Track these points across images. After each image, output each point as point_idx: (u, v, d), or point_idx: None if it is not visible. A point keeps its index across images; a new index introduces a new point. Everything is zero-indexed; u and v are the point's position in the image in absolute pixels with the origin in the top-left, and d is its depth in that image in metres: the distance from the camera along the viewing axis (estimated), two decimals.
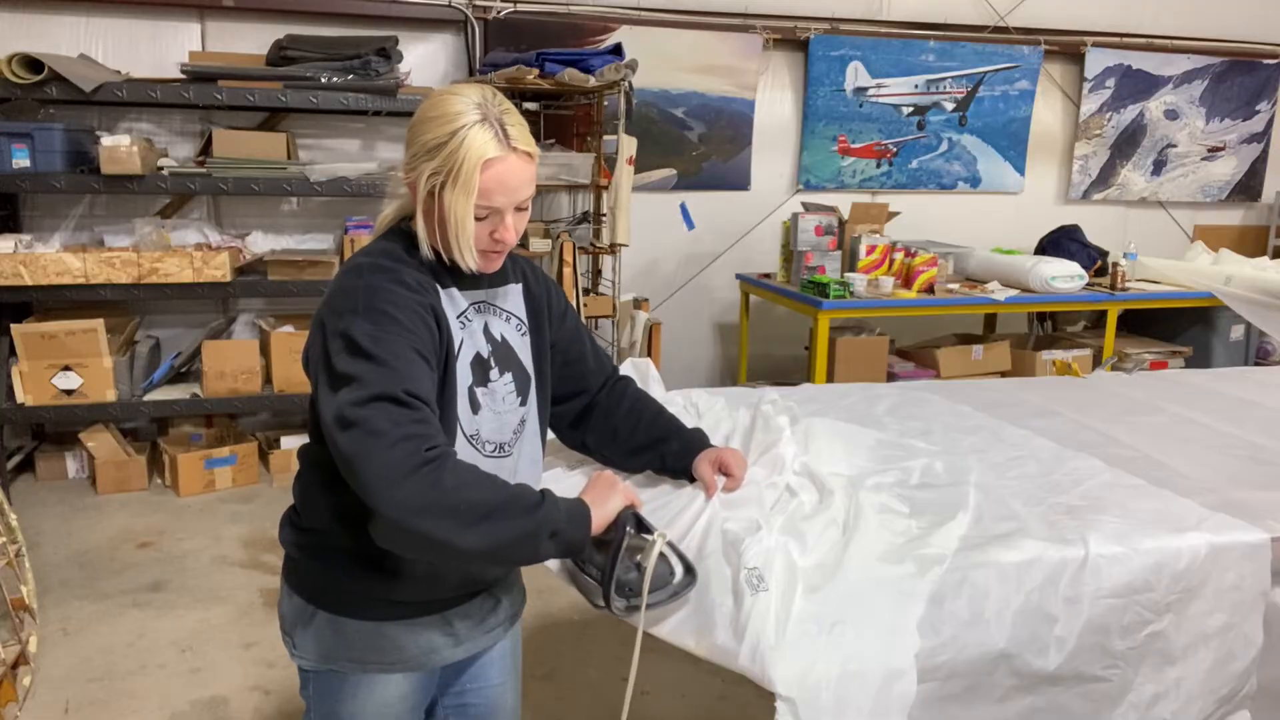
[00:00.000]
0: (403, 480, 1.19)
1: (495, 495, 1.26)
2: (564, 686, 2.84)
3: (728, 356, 5.74)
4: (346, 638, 1.46)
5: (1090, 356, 5.18)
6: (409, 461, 1.20)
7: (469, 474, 1.25)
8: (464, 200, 1.35)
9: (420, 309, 1.35)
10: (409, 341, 1.30)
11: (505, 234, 1.41)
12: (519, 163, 1.38)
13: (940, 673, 1.43)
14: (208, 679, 2.85)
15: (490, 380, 1.47)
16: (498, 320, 1.52)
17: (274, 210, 4.82)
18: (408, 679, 1.48)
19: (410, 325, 1.32)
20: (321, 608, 1.46)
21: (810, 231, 4.77)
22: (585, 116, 5.06)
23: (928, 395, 2.57)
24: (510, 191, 1.38)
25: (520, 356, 1.54)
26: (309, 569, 1.48)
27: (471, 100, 1.37)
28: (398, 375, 1.26)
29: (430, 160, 1.36)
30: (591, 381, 1.71)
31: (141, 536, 3.85)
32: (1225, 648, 1.63)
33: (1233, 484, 1.94)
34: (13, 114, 4.24)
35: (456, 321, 1.44)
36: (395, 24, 4.77)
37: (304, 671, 1.52)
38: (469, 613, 1.52)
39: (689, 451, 1.67)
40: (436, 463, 1.22)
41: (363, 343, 1.27)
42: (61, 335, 4.07)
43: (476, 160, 1.34)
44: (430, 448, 1.22)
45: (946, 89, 5.71)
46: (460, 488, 1.22)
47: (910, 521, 1.65)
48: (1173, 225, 6.42)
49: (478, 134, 1.34)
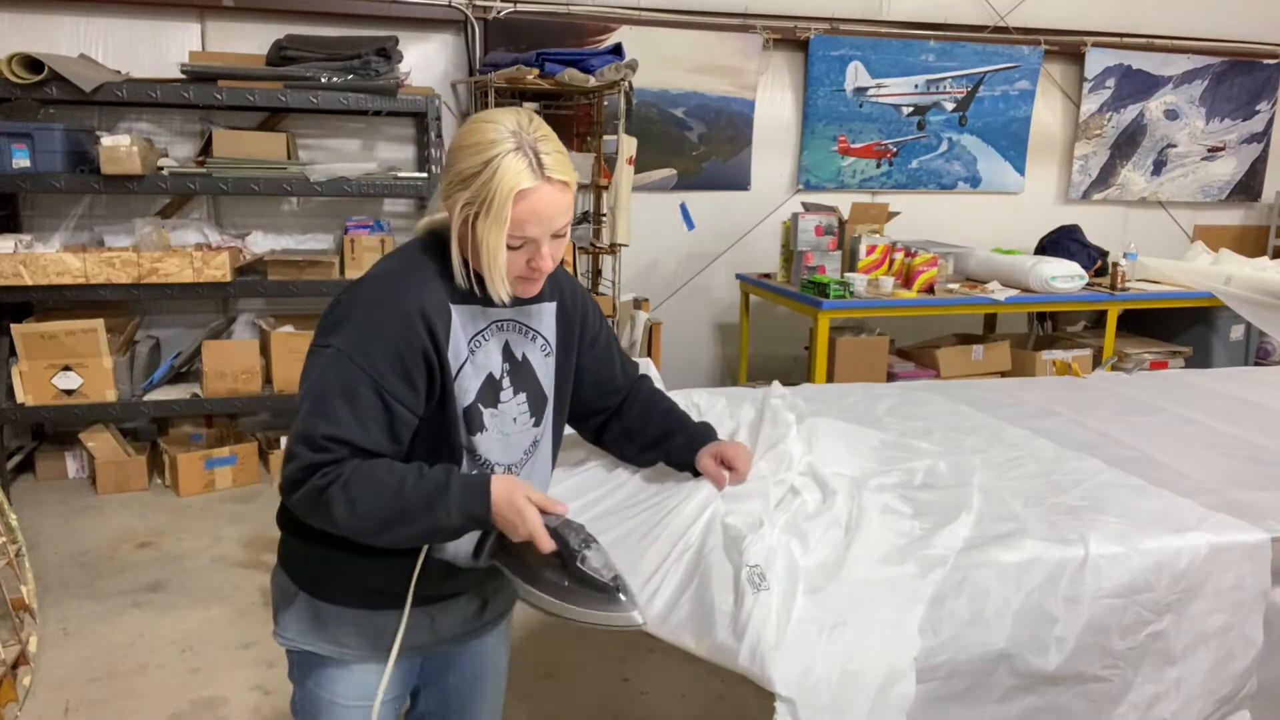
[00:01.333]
0: (295, 503, 1.34)
1: (387, 507, 1.31)
2: (564, 686, 2.84)
3: (728, 356, 5.74)
4: (324, 622, 1.48)
5: (1090, 356, 5.18)
6: (304, 495, 1.32)
7: (360, 489, 1.30)
8: (496, 232, 1.34)
9: (409, 346, 1.34)
10: (374, 382, 1.32)
11: (542, 263, 1.39)
12: (554, 192, 1.36)
13: (940, 672, 1.43)
14: (208, 679, 2.85)
15: (500, 401, 1.47)
16: (522, 339, 1.50)
17: (274, 210, 4.82)
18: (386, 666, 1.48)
19: (386, 365, 1.33)
20: (303, 589, 1.48)
21: (810, 231, 4.77)
22: (585, 116, 5.06)
23: (928, 395, 2.57)
24: (545, 222, 1.36)
25: (540, 377, 1.53)
26: (295, 550, 1.50)
27: (506, 127, 1.35)
28: (327, 420, 1.31)
29: (464, 190, 1.35)
30: (616, 399, 1.72)
31: (141, 536, 3.85)
32: (1225, 648, 1.63)
33: (1233, 484, 1.94)
34: (13, 114, 4.24)
35: (469, 344, 1.43)
36: (395, 24, 4.77)
37: (289, 654, 1.54)
38: (451, 609, 1.54)
39: (692, 446, 1.68)
40: (324, 490, 1.30)
41: (327, 373, 1.33)
42: (61, 335, 4.07)
43: (509, 191, 1.32)
44: (324, 475, 1.30)
45: (946, 89, 5.71)
46: (349, 513, 1.30)
47: (913, 523, 1.65)
48: (1173, 225, 6.42)
49: (511, 164, 1.32)
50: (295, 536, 1.48)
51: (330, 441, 1.30)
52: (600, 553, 1.37)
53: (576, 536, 1.36)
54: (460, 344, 1.41)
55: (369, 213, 4.83)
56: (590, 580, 1.34)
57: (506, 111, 1.40)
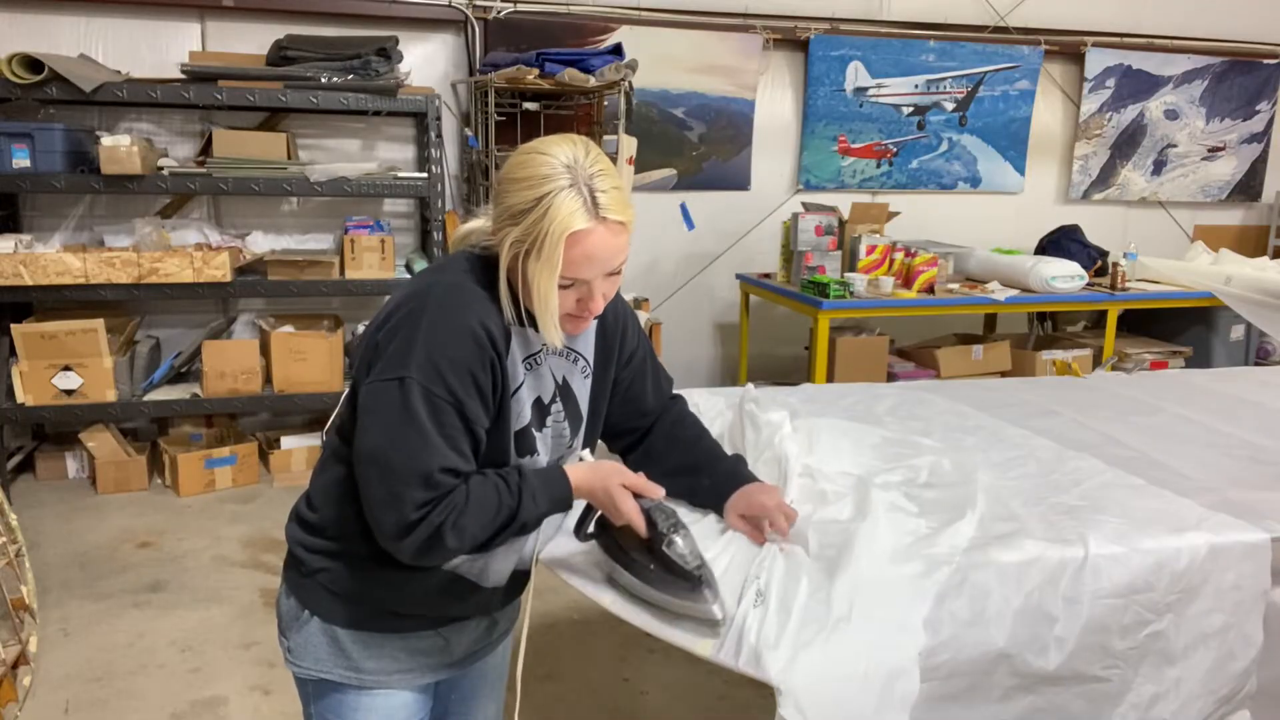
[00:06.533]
0: (408, 546, 1.28)
1: (490, 525, 1.31)
2: (564, 686, 2.84)
3: (728, 356, 5.74)
4: (341, 647, 1.43)
5: (1090, 356, 5.18)
6: (420, 535, 1.27)
7: (467, 515, 1.29)
8: (548, 274, 1.27)
9: (479, 363, 1.30)
10: (456, 406, 1.28)
11: (593, 304, 1.34)
12: (609, 235, 1.28)
13: (940, 672, 1.43)
14: (208, 679, 2.85)
15: (546, 426, 1.44)
16: (564, 362, 1.46)
17: (274, 210, 4.82)
18: (406, 691, 1.47)
19: (462, 388, 1.28)
20: (317, 614, 1.43)
21: (810, 231, 4.77)
22: (585, 116, 5.06)
23: (928, 395, 2.57)
24: (599, 264, 1.30)
25: (579, 398, 1.49)
26: (309, 571, 1.43)
27: (560, 161, 1.27)
28: (435, 454, 1.27)
29: (514, 225, 1.28)
30: (645, 420, 1.66)
31: (141, 536, 3.85)
32: (1225, 648, 1.63)
33: (1233, 484, 1.94)
34: (13, 114, 4.23)
35: (524, 363, 1.38)
36: (395, 24, 4.77)
37: (301, 681, 1.49)
38: (463, 629, 1.51)
39: (719, 493, 1.61)
40: (440, 525, 1.27)
41: (412, 405, 1.26)
42: (61, 335, 4.07)
43: (561, 233, 1.25)
44: (441, 510, 1.27)
45: (946, 89, 5.70)
46: (459, 540, 1.29)
47: (919, 521, 1.64)
48: (1173, 225, 6.42)
49: (565, 203, 1.25)
50: (316, 560, 1.42)
51: (445, 474, 1.27)
52: (689, 540, 1.37)
53: (666, 520, 1.36)
54: (517, 365, 1.37)
55: (369, 213, 4.83)
56: (675, 566, 1.35)
57: (561, 142, 1.31)
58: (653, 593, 1.37)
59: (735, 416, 1.93)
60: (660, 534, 1.35)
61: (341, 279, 4.44)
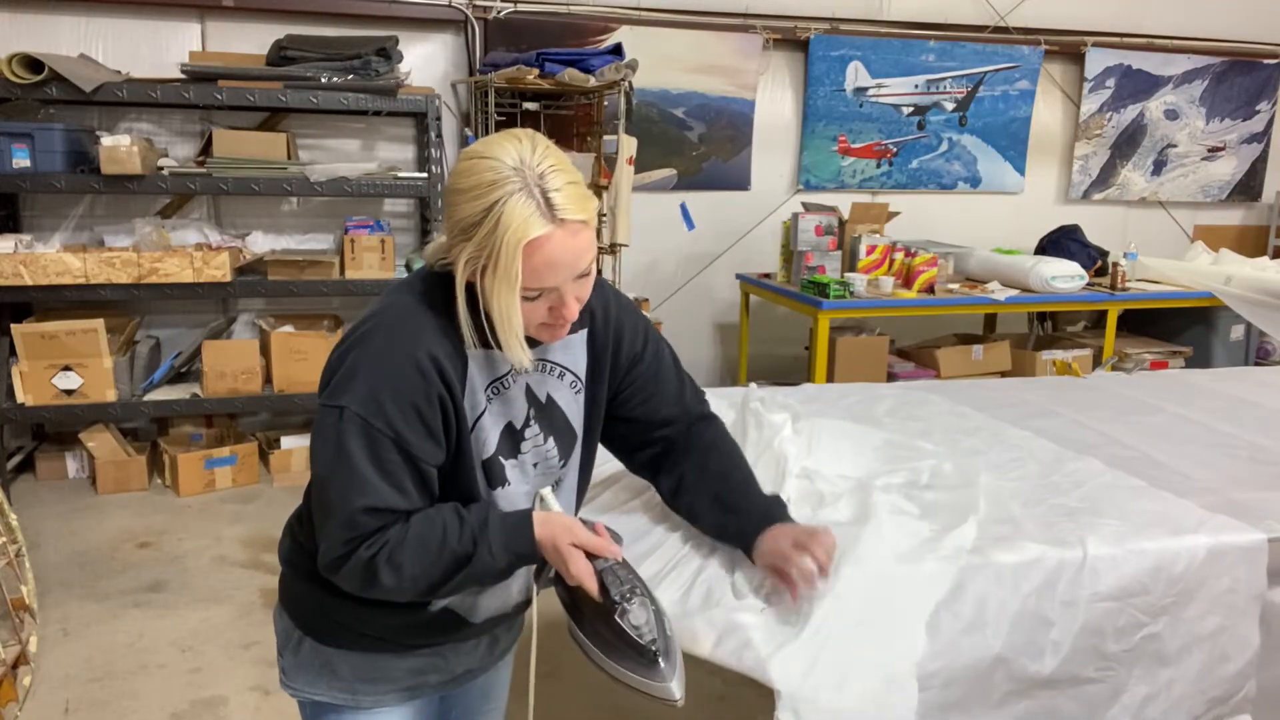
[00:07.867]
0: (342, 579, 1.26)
1: (433, 566, 1.24)
2: (564, 686, 2.84)
3: (728, 356, 5.74)
4: (334, 668, 1.39)
5: (1090, 356, 5.18)
6: (351, 570, 1.24)
7: (404, 552, 1.22)
8: (507, 290, 1.17)
9: (424, 397, 1.22)
10: (395, 441, 1.21)
11: (566, 311, 1.23)
12: (569, 236, 1.17)
13: (937, 680, 1.42)
14: (208, 679, 2.85)
15: (521, 452, 1.34)
16: (548, 378, 1.36)
17: (274, 210, 4.82)
18: (404, 709, 1.44)
19: (404, 422, 1.21)
20: (309, 634, 1.39)
21: (810, 231, 4.77)
22: (585, 116, 5.06)
23: (928, 396, 2.56)
24: (563, 269, 1.19)
25: (569, 416, 1.39)
26: (301, 592, 1.40)
27: (506, 164, 1.16)
28: (361, 492, 1.21)
29: (467, 241, 1.17)
30: (663, 434, 1.52)
31: (141, 536, 3.85)
32: (1219, 650, 1.63)
33: (1233, 484, 1.94)
34: (13, 114, 4.24)
35: (488, 390, 1.30)
36: (395, 24, 4.77)
37: (299, 703, 1.46)
38: (463, 649, 1.47)
39: (745, 536, 1.44)
40: (370, 561, 1.22)
41: (345, 439, 1.20)
42: (61, 335, 4.07)
43: (516, 244, 1.14)
44: (370, 545, 1.22)
45: (946, 89, 5.70)
46: (397, 579, 1.23)
47: (922, 524, 1.64)
48: (1173, 225, 6.42)
49: (516, 210, 1.14)
50: (306, 581, 1.37)
51: (369, 513, 1.20)
52: (644, 608, 1.25)
53: (620, 587, 1.25)
54: (477, 393, 1.28)
55: (369, 213, 4.83)
56: (627, 638, 1.24)
57: (505, 141, 1.19)
58: (607, 662, 1.27)
59: (738, 416, 1.93)
60: (614, 602, 1.24)
61: (341, 279, 4.44)
